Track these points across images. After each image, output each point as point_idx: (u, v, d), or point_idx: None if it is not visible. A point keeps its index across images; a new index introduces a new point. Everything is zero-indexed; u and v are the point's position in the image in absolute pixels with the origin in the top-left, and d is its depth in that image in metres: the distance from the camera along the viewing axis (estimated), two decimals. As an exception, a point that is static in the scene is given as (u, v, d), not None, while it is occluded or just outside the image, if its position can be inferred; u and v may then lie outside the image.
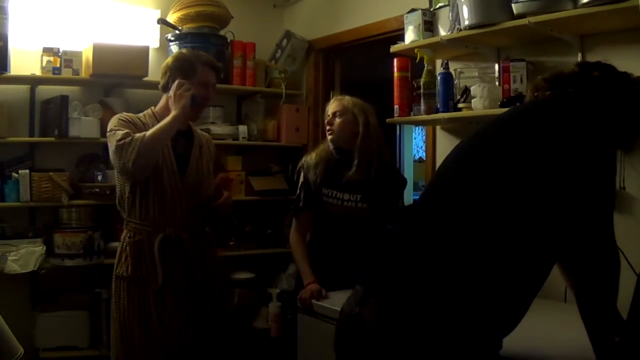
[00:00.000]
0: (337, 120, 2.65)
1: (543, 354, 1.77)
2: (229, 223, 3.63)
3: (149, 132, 2.29)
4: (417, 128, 5.95)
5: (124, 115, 2.45)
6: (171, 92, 2.40)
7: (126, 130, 2.31)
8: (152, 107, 2.53)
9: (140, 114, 2.50)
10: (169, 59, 2.52)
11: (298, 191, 2.71)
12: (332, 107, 2.71)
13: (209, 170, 2.59)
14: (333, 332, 1.62)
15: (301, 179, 2.72)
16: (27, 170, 3.20)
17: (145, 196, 2.40)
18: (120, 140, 2.27)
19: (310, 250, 2.66)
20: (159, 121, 2.41)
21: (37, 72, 3.30)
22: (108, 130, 2.39)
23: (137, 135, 2.27)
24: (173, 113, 2.35)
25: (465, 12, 2.52)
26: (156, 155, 2.32)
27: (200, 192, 2.52)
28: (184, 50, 2.55)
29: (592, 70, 1.59)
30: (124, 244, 2.44)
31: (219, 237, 2.76)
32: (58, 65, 3.30)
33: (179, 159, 2.45)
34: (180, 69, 2.44)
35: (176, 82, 2.40)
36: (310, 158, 2.72)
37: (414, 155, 6.58)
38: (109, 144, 2.36)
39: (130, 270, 2.39)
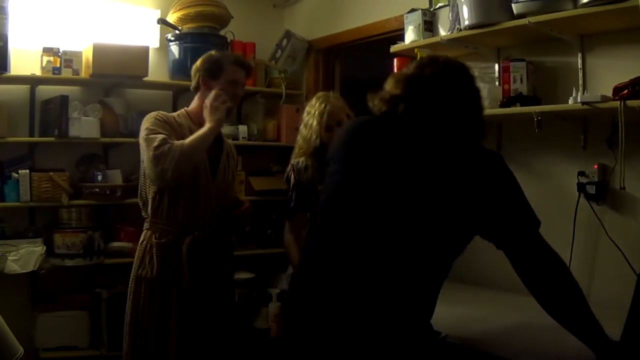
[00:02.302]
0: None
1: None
2: (244, 228, 3.65)
3: (187, 142, 2.28)
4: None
5: (160, 114, 2.41)
6: (207, 102, 2.39)
7: (163, 136, 2.27)
8: (185, 108, 2.53)
9: (175, 114, 2.49)
10: (198, 61, 2.52)
11: (290, 193, 2.69)
12: (343, 108, 2.66)
13: (232, 177, 2.61)
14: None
15: (292, 181, 2.69)
16: (27, 170, 3.20)
17: (175, 198, 2.37)
18: (158, 147, 2.23)
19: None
20: (193, 121, 2.43)
21: (37, 72, 3.30)
22: (143, 128, 2.35)
23: (176, 143, 2.25)
24: (209, 125, 2.34)
25: (465, 12, 2.52)
26: (192, 165, 2.32)
27: (226, 196, 2.53)
28: (212, 52, 2.55)
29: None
30: (148, 245, 2.40)
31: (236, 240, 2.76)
32: (58, 65, 3.30)
33: (210, 162, 2.45)
34: (208, 69, 2.45)
35: (213, 92, 2.39)
36: (301, 161, 2.68)
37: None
38: (143, 145, 2.31)
39: (155, 272, 2.35)
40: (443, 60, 1.71)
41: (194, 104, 2.52)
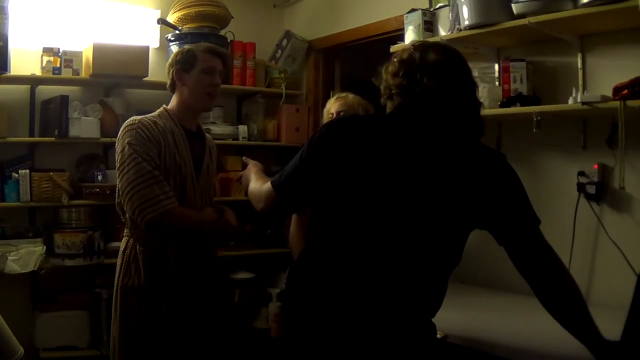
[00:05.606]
0: None
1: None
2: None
3: (180, 212, 2.27)
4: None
5: (142, 128, 2.28)
6: (231, 218, 2.46)
7: (155, 173, 2.22)
8: (165, 105, 2.44)
9: (156, 114, 2.40)
10: (171, 57, 2.46)
11: None
12: (335, 105, 2.66)
13: (214, 173, 2.56)
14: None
15: None
16: (27, 170, 3.19)
17: None
18: (145, 183, 2.20)
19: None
20: (174, 121, 2.36)
21: (37, 72, 3.30)
22: (124, 141, 2.26)
23: (168, 200, 2.22)
24: (206, 220, 2.40)
25: (465, 12, 2.52)
26: (169, 227, 2.30)
27: (208, 196, 2.49)
28: (185, 46, 2.51)
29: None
30: (132, 253, 2.32)
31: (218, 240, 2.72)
32: (58, 65, 3.30)
33: (193, 162, 2.38)
34: (181, 61, 2.39)
35: (232, 219, 2.47)
36: None
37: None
38: (126, 164, 2.23)
39: (142, 281, 2.29)
40: (451, 49, 1.69)
41: (173, 102, 2.44)
